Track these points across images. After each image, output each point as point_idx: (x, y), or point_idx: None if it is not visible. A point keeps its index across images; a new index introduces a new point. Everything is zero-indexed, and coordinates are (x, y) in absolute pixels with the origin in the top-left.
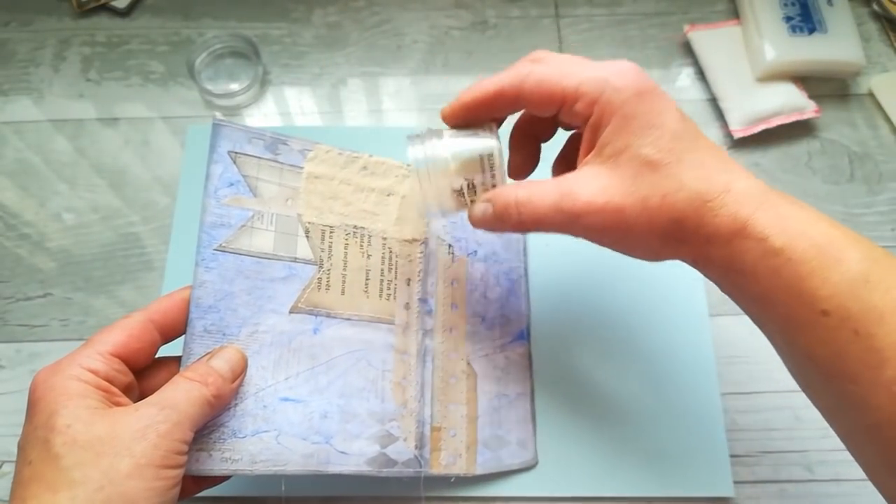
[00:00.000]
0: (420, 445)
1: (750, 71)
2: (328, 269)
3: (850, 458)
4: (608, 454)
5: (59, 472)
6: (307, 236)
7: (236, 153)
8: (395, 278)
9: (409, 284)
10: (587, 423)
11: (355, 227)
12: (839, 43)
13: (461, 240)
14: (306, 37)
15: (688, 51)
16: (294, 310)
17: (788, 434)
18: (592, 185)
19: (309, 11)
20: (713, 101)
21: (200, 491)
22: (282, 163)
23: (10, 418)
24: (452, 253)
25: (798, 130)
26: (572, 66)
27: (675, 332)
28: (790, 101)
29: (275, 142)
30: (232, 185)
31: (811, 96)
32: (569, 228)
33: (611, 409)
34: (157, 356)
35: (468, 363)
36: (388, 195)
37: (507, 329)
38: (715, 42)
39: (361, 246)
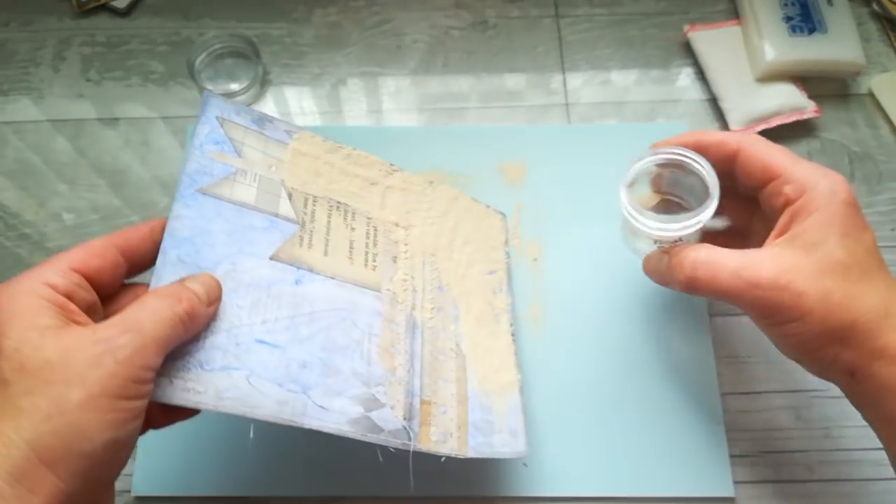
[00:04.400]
0: (409, 417)
1: (750, 71)
2: (311, 231)
3: (851, 457)
4: (608, 454)
5: (6, 399)
6: (290, 199)
7: (224, 119)
8: (379, 254)
9: (395, 262)
10: (587, 422)
11: (339, 202)
12: (839, 43)
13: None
14: (306, 37)
15: (688, 51)
16: (275, 259)
17: (788, 434)
18: (778, 263)
19: (309, 11)
20: (713, 101)
21: (170, 423)
22: (267, 136)
23: None
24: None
25: (798, 130)
26: (790, 154)
27: (675, 333)
28: (790, 101)
29: (262, 118)
30: (218, 143)
31: (811, 96)
32: (741, 296)
33: (610, 409)
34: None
35: (457, 344)
36: (372, 184)
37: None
38: (715, 42)
39: (345, 219)
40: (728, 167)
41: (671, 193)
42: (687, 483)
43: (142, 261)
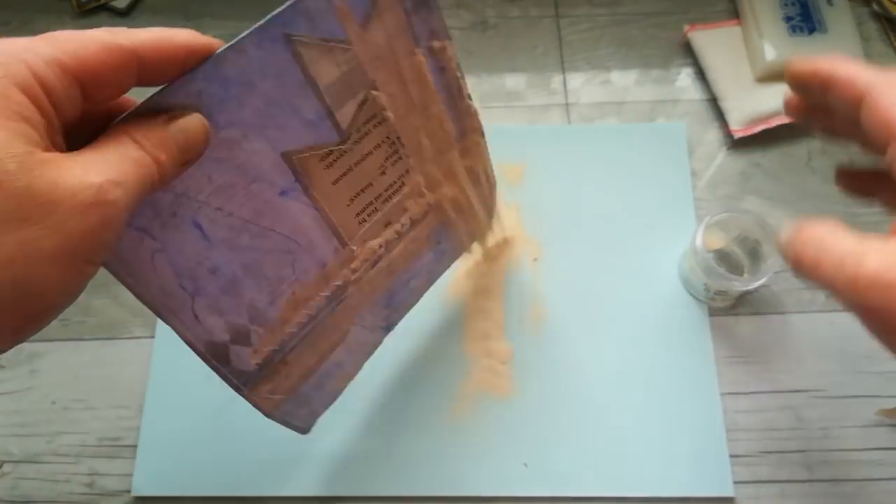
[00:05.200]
0: (261, 366)
1: (750, 71)
2: (345, 151)
3: (851, 458)
4: (608, 454)
5: None
6: (361, 106)
7: None
8: (379, 211)
9: (385, 227)
10: (587, 422)
11: (399, 138)
12: (839, 43)
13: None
14: None
15: (688, 51)
16: (286, 157)
17: (788, 434)
18: (887, 255)
19: None
20: (713, 101)
21: None
22: (409, 22)
23: (11, 418)
24: (433, 239)
25: (798, 130)
26: None
27: (675, 332)
28: None
29: None
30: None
31: None
32: (840, 292)
33: (610, 410)
34: None
35: (351, 325)
36: (446, 151)
37: (391, 317)
38: (715, 42)
39: (386, 160)
40: (856, 114)
41: (735, 243)
42: (687, 483)
43: (153, 83)
